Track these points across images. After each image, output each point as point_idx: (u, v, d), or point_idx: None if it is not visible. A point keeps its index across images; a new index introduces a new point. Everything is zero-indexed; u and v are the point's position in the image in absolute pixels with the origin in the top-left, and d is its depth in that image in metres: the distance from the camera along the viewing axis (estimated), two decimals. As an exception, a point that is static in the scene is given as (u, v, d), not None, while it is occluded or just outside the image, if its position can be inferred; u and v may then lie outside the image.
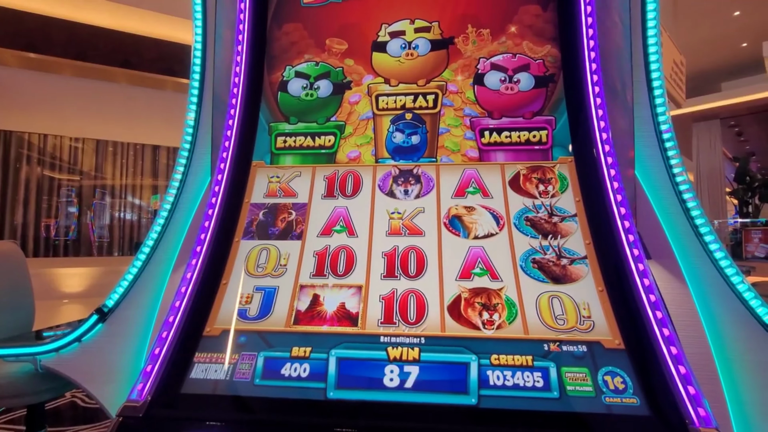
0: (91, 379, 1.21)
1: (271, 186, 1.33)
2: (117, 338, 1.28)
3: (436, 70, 1.41)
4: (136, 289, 1.38)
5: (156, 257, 1.45)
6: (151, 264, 1.43)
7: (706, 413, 0.84)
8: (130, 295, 1.36)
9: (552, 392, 0.90)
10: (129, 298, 1.36)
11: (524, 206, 1.20)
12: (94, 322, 1.29)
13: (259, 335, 1.05)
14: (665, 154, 1.49)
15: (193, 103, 1.69)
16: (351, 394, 0.94)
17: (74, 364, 1.23)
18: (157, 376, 0.97)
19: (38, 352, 1.23)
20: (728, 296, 1.25)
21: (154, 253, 1.45)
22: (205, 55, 1.71)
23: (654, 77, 1.57)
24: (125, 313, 1.33)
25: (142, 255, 1.43)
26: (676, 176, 1.46)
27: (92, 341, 1.28)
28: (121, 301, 1.35)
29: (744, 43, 8.26)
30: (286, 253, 1.20)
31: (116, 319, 1.31)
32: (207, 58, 1.71)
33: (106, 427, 2.28)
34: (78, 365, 1.23)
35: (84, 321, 1.28)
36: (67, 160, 7.93)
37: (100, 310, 1.30)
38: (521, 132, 1.31)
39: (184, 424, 0.88)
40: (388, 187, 1.29)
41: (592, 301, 1.03)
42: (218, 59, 1.72)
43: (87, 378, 1.21)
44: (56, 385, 1.32)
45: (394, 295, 1.09)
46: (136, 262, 1.42)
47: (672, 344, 0.93)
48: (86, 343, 1.27)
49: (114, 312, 1.32)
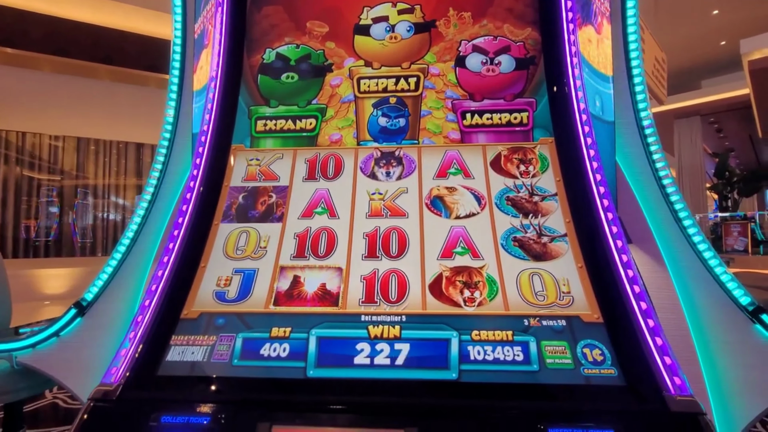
0: (70, 374, 1.17)
1: (251, 169, 1.31)
2: (96, 332, 1.25)
3: (419, 53, 1.40)
4: (116, 282, 1.35)
5: (136, 249, 1.42)
6: (132, 256, 1.40)
7: (681, 382, 0.85)
8: (109, 288, 1.33)
9: (532, 365, 0.90)
10: (108, 291, 1.33)
11: (505, 186, 1.21)
12: (72, 316, 1.25)
13: (238, 317, 1.03)
14: (645, 140, 1.52)
15: (174, 91, 1.66)
16: (331, 372, 0.93)
17: (52, 360, 1.20)
18: (131, 359, 0.94)
19: (14, 348, 1.19)
20: (707, 280, 1.28)
21: (134, 245, 1.43)
22: (185, 46, 1.68)
23: (634, 65, 1.60)
24: (105, 307, 1.30)
25: (122, 247, 1.40)
26: (656, 162, 1.48)
27: (71, 336, 1.24)
28: (101, 295, 1.32)
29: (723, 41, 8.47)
30: (267, 235, 1.18)
31: (95, 313, 1.28)
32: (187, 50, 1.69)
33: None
34: (56, 361, 1.20)
35: (62, 315, 1.25)
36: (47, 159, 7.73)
37: (78, 304, 1.26)
38: (502, 114, 1.31)
39: (159, 405, 0.86)
40: (370, 169, 1.28)
41: (571, 277, 1.04)
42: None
43: (66, 374, 1.18)
44: (34, 382, 1.28)
45: (375, 275, 1.08)
46: (116, 254, 1.39)
47: (649, 317, 0.94)
48: (64, 338, 1.24)
49: (93, 306, 1.29)
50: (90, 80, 7.54)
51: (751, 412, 1.07)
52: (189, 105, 1.64)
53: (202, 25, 1.72)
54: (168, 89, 1.66)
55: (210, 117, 1.35)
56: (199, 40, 1.70)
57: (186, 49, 1.69)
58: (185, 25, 1.71)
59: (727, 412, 1.10)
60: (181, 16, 1.71)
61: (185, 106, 1.64)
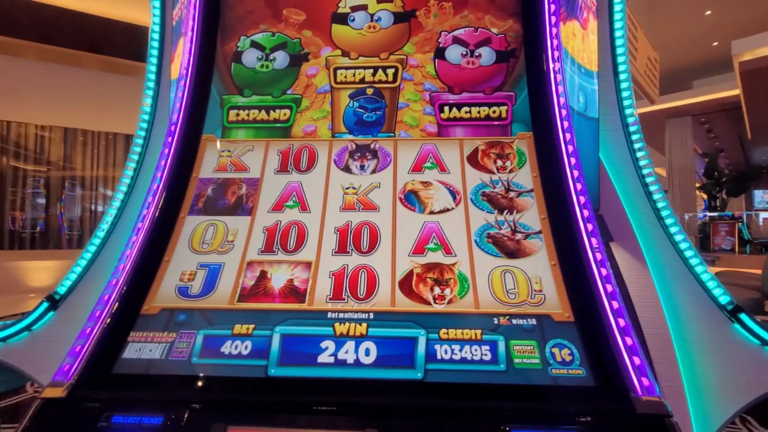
0: (42, 368, 1.14)
1: (222, 160, 1.27)
2: (69, 326, 1.20)
3: (398, 44, 1.36)
4: (90, 275, 1.31)
5: (111, 241, 1.38)
6: (107, 248, 1.36)
7: (650, 383, 0.83)
8: (83, 281, 1.30)
9: (499, 365, 0.88)
10: (82, 285, 1.29)
11: (481, 181, 1.18)
12: (45, 309, 1.22)
13: (201, 313, 1.00)
14: (629, 138, 1.50)
15: (151, 80, 1.60)
16: (293, 370, 0.90)
17: (24, 355, 1.17)
18: (85, 356, 0.91)
19: None
20: (687, 279, 1.27)
21: (109, 237, 1.39)
22: (163, 34, 1.63)
23: (620, 61, 1.57)
24: (78, 300, 1.26)
25: (97, 239, 1.36)
26: (639, 160, 1.46)
27: (43, 330, 1.21)
28: (74, 288, 1.28)
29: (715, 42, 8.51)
30: (234, 229, 1.14)
31: (69, 306, 1.25)
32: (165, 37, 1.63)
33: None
34: (28, 355, 1.17)
35: (34, 309, 1.21)
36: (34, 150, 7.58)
37: (51, 298, 1.23)
38: (481, 107, 1.28)
39: (111, 405, 0.83)
40: (344, 162, 1.24)
41: (544, 275, 1.02)
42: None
43: (38, 368, 1.15)
44: (8, 377, 1.24)
45: (344, 270, 1.05)
46: (90, 247, 1.35)
47: (620, 316, 0.92)
48: (36, 332, 1.21)
49: (66, 299, 1.26)
50: (76, 69, 7.37)
51: (727, 410, 1.07)
52: (167, 94, 1.59)
53: (180, 12, 1.66)
54: (145, 78, 1.60)
55: (180, 106, 1.30)
56: (177, 27, 1.65)
57: (164, 37, 1.64)
58: (163, 11, 1.66)
59: (704, 410, 1.09)
60: (159, 2, 1.66)
61: (163, 95, 1.59)
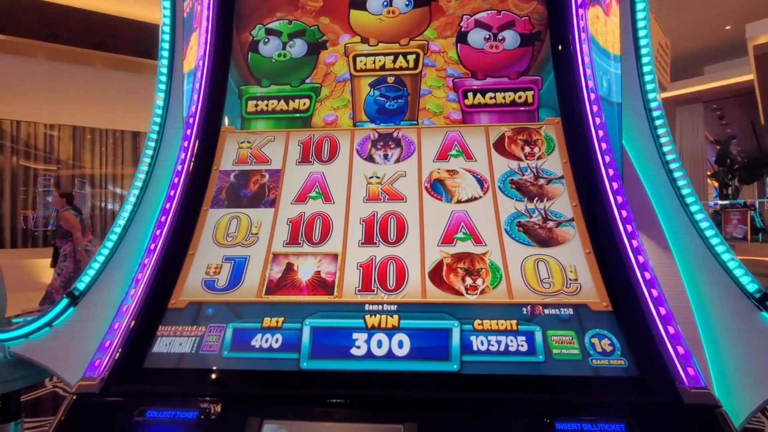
0: (64, 364, 1.14)
1: (242, 152, 1.25)
2: (89, 322, 1.21)
3: (418, 29, 1.33)
4: (109, 271, 1.31)
5: (128, 238, 1.37)
6: (124, 244, 1.36)
7: (695, 373, 0.81)
8: (102, 278, 1.30)
9: (537, 356, 0.85)
10: (101, 281, 1.29)
11: (509, 169, 1.15)
12: (65, 306, 1.22)
13: (228, 306, 0.98)
14: (653, 123, 1.45)
15: (163, 74, 1.58)
16: (326, 364, 0.88)
17: (45, 350, 1.17)
18: (115, 351, 0.90)
19: (5, 339, 1.16)
20: (713, 267, 1.24)
21: (126, 233, 1.38)
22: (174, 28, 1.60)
23: (642, 44, 1.52)
24: (97, 296, 1.26)
25: (114, 236, 1.36)
26: (663, 146, 1.42)
27: (63, 326, 1.21)
28: (93, 284, 1.28)
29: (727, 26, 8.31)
30: (258, 221, 1.12)
31: (88, 303, 1.25)
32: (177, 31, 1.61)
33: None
34: (49, 351, 1.17)
35: (55, 305, 1.21)
36: (43, 149, 7.64)
37: (71, 294, 1.23)
38: (506, 93, 1.25)
39: (145, 399, 0.82)
40: (367, 151, 1.22)
41: (579, 264, 0.99)
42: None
43: (59, 364, 1.15)
44: (30, 372, 1.26)
45: (372, 262, 1.03)
46: (108, 243, 1.35)
47: (660, 305, 0.90)
48: (57, 328, 1.21)
49: (86, 295, 1.26)
50: (84, 67, 7.40)
51: (755, 400, 1.04)
52: (179, 88, 1.57)
53: (191, 4, 1.63)
54: (158, 72, 1.59)
55: (198, 98, 1.28)
56: (188, 20, 1.62)
57: (175, 30, 1.62)
58: (174, 5, 1.63)
59: (731, 399, 1.07)
60: (170, 0, 1.63)
61: (176, 89, 1.57)
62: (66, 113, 7.60)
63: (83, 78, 7.44)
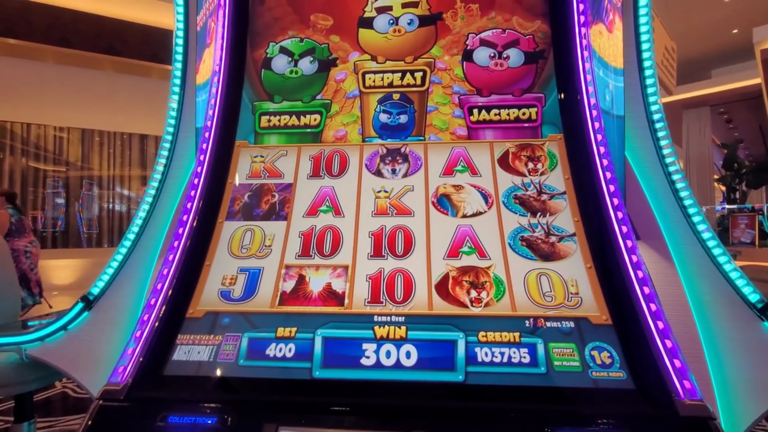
0: (78, 367, 1.19)
1: (255, 166, 1.30)
2: (104, 326, 1.26)
3: (425, 47, 1.37)
4: (122, 276, 1.35)
5: (142, 243, 1.42)
6: (137, 250, 1.40)
7: (691, 386, 0.84)
8: (116, 282, 1.34)
9: (539, 368, 0.89)
10: (115, 285, 1.33)
11: (513, 184, 1.19)
12: (80, 310, 1.26)
13: (244, 316, 1.03)
14: (655, 135, 1.48)
15: (176, 85, 1.64)
16: (337, 373, 0.92)
17: (60, 353, 1.21)
18: (138, 358, 0.95)
19: (23, 342, 1.20)
20: (715, 277, 1.26)
21: (139, 240, 1.43)
22: (187, 38, 1.66)
23: (645, 57, 1.55)
24: (111, 301, 1.30)
25: (128, 241, 1.40)
26: (665, 157, 1.45)
27: (78, 329, 1.25)
28: (107, 289, 1.32)
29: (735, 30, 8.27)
30: (271, 234, 1.17)
31: (102, 307, 1.29)
32: (189, 41, 1.66)
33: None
34: (64, 354, 1.21)
35: (69, 309, 1.26)
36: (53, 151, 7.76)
37: (85, 298, 1.27)
38: (510, 109, 1.29)
39: (167, 405, 0.86)
40: (376, 166, 1.26)
41: (580, 278, 1.02)
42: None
43: (73, 366, 1.19)
44: (43, 374, 1.30)
45: (381, 274, 1.07)
46: (121, 249, 1.39)
47: (659, 319, 0.93)
48: (72, 332, 1.25)
49: (100, 299, 1.30)
50: (93, 71, 7.51)
51: (757, 409, 1.06)
52: (192, 97, 1.63)
53: (204, 18, 1.69)
54: (171, 82, 1.64)
55: (213, 113, 1.33)
56: (201, 34, 1.68)
57: (188, 40, 1.67)
58: (187, 15, 1.69)
59: (733, 409, 1.09)
60: (183, 7, 1.69)
61: (188, 98, 1.62)
62: (75, 116, 7.72)
63: (92, 82, 7.56)
